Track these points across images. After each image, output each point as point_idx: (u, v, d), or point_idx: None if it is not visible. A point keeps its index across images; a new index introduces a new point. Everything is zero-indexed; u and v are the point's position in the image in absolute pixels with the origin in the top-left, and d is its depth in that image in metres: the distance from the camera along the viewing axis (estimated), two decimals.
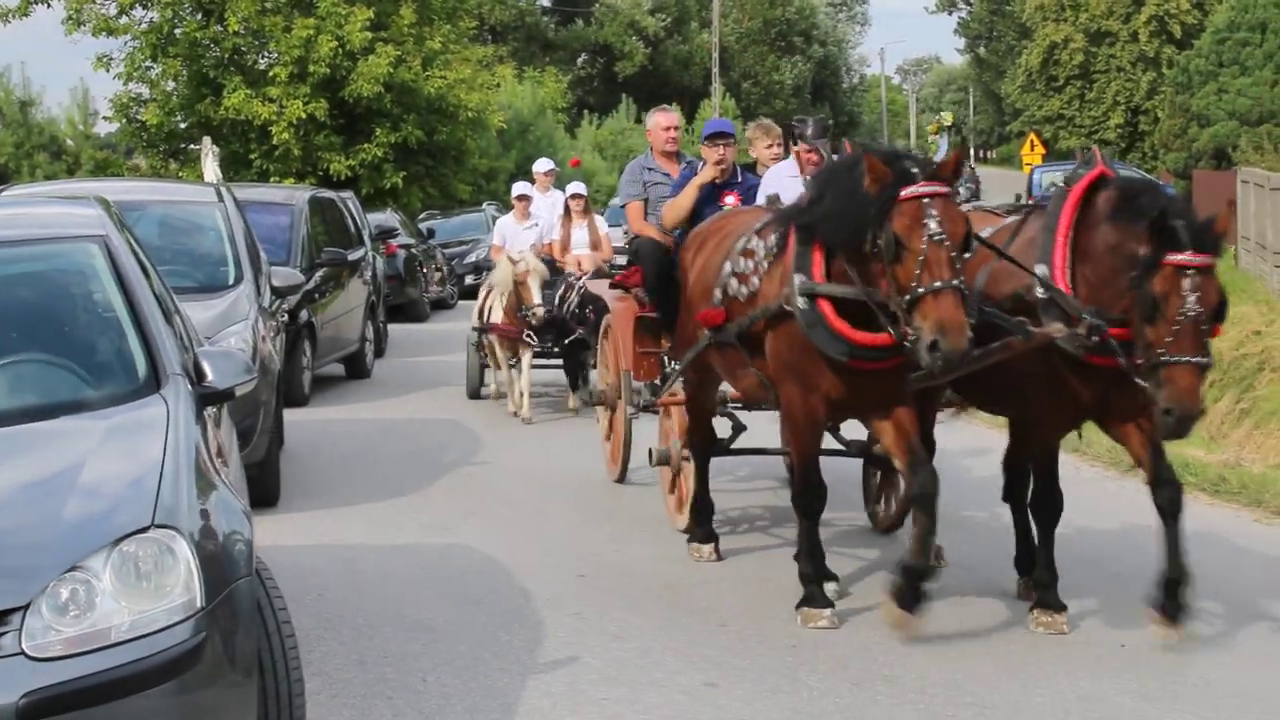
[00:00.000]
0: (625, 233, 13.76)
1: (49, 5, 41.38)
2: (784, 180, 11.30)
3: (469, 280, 34.04)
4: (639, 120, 71.61)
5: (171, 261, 13.28)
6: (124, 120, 41.89)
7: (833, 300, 8.72)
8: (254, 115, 38.95)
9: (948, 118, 29.64)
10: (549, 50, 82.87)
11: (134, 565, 5.67)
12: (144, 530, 5.73)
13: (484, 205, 40.03)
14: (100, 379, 6.89)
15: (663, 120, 12.89)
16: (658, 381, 12.21)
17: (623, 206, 12.91)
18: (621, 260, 15.40)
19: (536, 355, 17.67)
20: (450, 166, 43.55)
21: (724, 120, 13.40)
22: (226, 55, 40.33)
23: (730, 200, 11.62)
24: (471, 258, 34.12)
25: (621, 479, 13.55)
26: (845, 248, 8.61)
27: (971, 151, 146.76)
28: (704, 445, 11.19)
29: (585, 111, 72.13)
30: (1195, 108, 49.98)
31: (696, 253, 10.57)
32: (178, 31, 40.07)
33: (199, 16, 40.52)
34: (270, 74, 39.37)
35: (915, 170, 8.33)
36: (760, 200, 11.19)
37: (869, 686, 8.20)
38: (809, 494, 9.31)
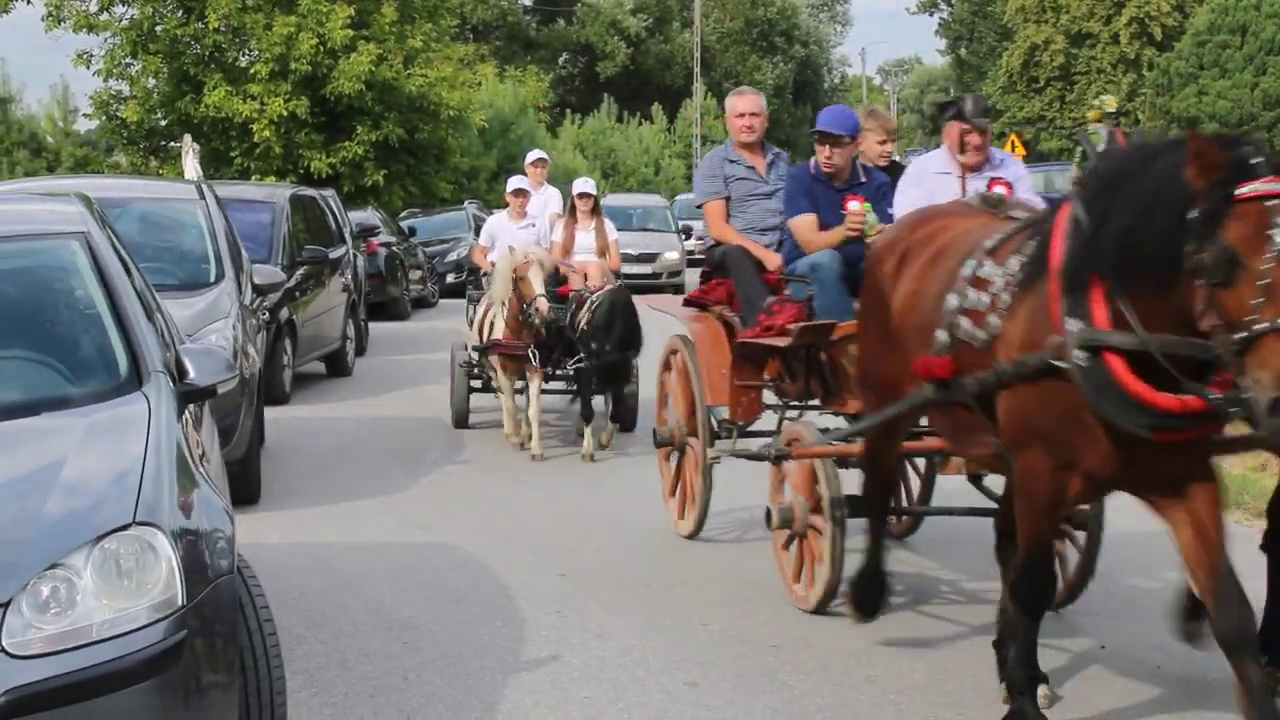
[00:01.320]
0: (700, 238, 13.13)
1: (29, 2, 41.33)
2: (932, 178, 9.71)
3: (450, 279, 33.95)
4: (620, 120, 71.61)
5: (153, 259, 13.23)
6: (104, 117, 41.83)
7: (1122, 353, 6.38)
8: (235, 113, 38.91)
9: (1111, 103, 26.82)
10: (530, 49, 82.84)
11: (115, 563, 5.64)
12: (125, 528, 5.71)
13: (465, 204, 39.98)
14: (82, 376, 6.87)
15: (739, 104, 11.21)
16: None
17: (699, 206, 11.22)
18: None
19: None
20: (431, 165, 43.54)
21: (840, 111, 10.68)
22: (207, 52, 40.30)
23: (854, 205, 9.96)
24: (453, 256, 34.04)
25: (695, 534, 11.37)
26: (1142, 273, 6.27)
27: None
28: (883, 505, 9.06)
29: (567, 111, 72.09)
30: (1175, 110, 50.06)
31: (899, 270, 8.03)
32: (158, 28, 40.05)
33: (179, 13, 40.48)
34: (251, 71, 39.34)
35: (1258, 161, 5.99)
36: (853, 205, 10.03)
37: (851, 687, 8.19)
38: (1037, 587, 7.16)
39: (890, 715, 7.78)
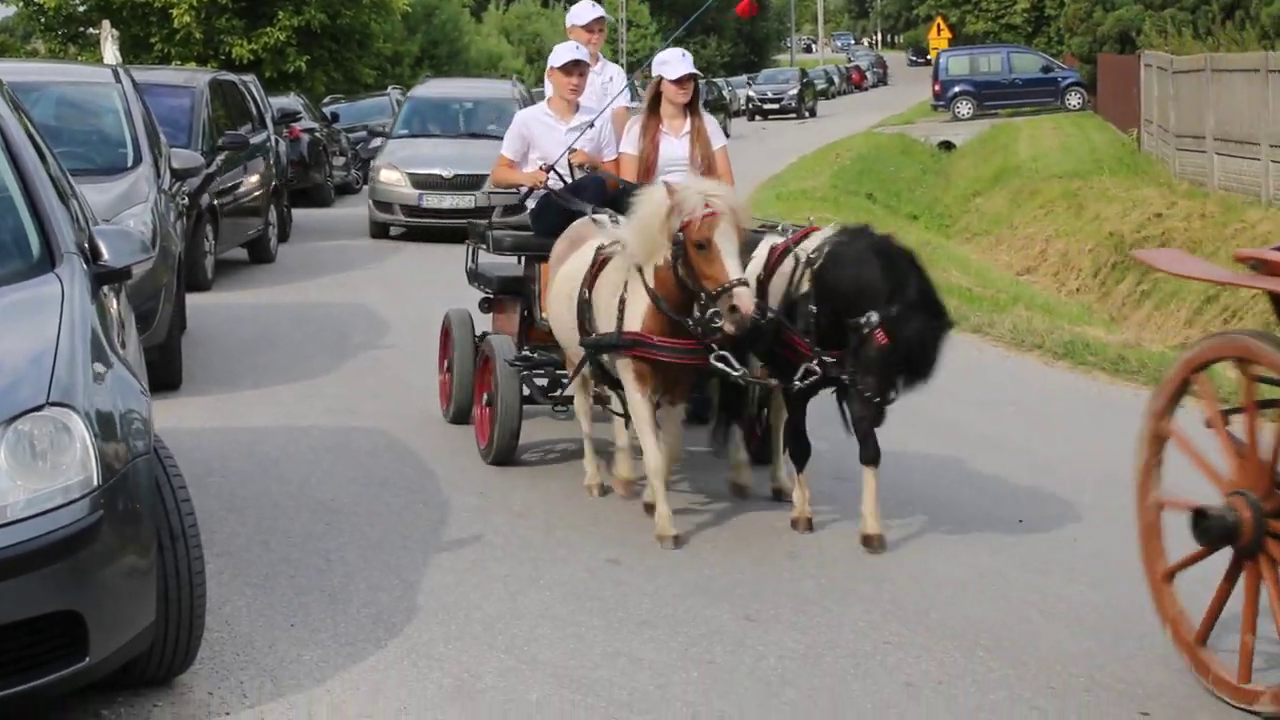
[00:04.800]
0: None
1: None
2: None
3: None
4: (545, 4, 71.02)
5: (69, 143, 13.09)
6: (21, 3, 41.19)
7: None
8: None
9: None
10: None
11: (29, 443, 5.64)
12: (39, 408, 5.70)
13: (388, 90, 39.65)
14: None
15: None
16: None
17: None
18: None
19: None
20: (354, 50, 43.11)
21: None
22: None
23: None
24: (376, 143, 33.77)
25: None
26: None
27: (878, 36, 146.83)
28: None
29: None
30: None
31: None
32: None
33: None
34: None
35: None
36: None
37: (772, 563, 8.27)
38: None
39: (810, 588, 7.86)
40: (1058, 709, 6.51)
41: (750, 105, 69.78)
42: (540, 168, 10.30)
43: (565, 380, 9.91)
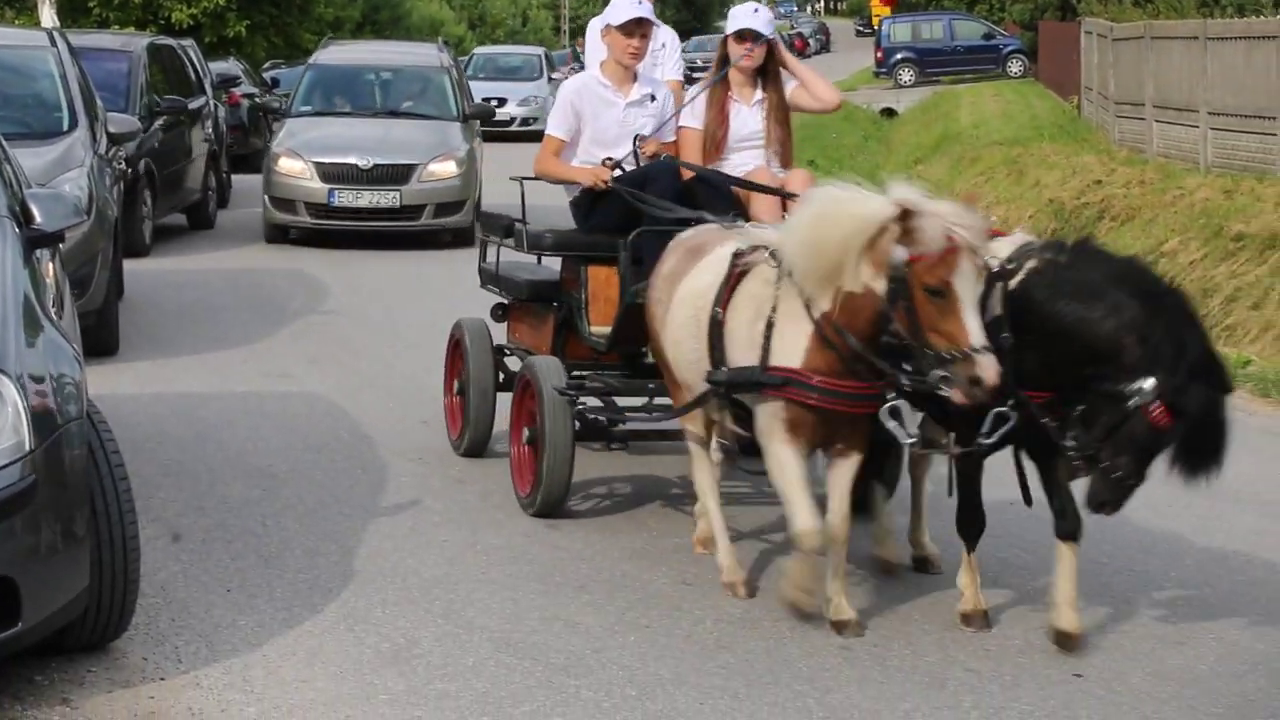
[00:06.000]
0: None
1: None
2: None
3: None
4: None
5: (3, 107, 13.03)
6: None
7: None
8: None
9: None
10: None
11: None
12: None
13: None
14: None
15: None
16: None
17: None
18: None
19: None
20: (294, 16, 42.80)
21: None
22: None
23: None
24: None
25: None
26: None
27: (821, 3, 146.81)
28: None
29: None
30: None
31: None
32: None
33: None
34: None
35: None
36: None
37: None
38: None
39: (747, 554, 7.88)
40: (992, 670, 6.55)
41: (682, 73, 69.16)
42: (604, 163, 8.59)
43: (641, 414, 8.71)
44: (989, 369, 6.17)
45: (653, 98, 8.82)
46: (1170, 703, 6.31)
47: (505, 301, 9.49)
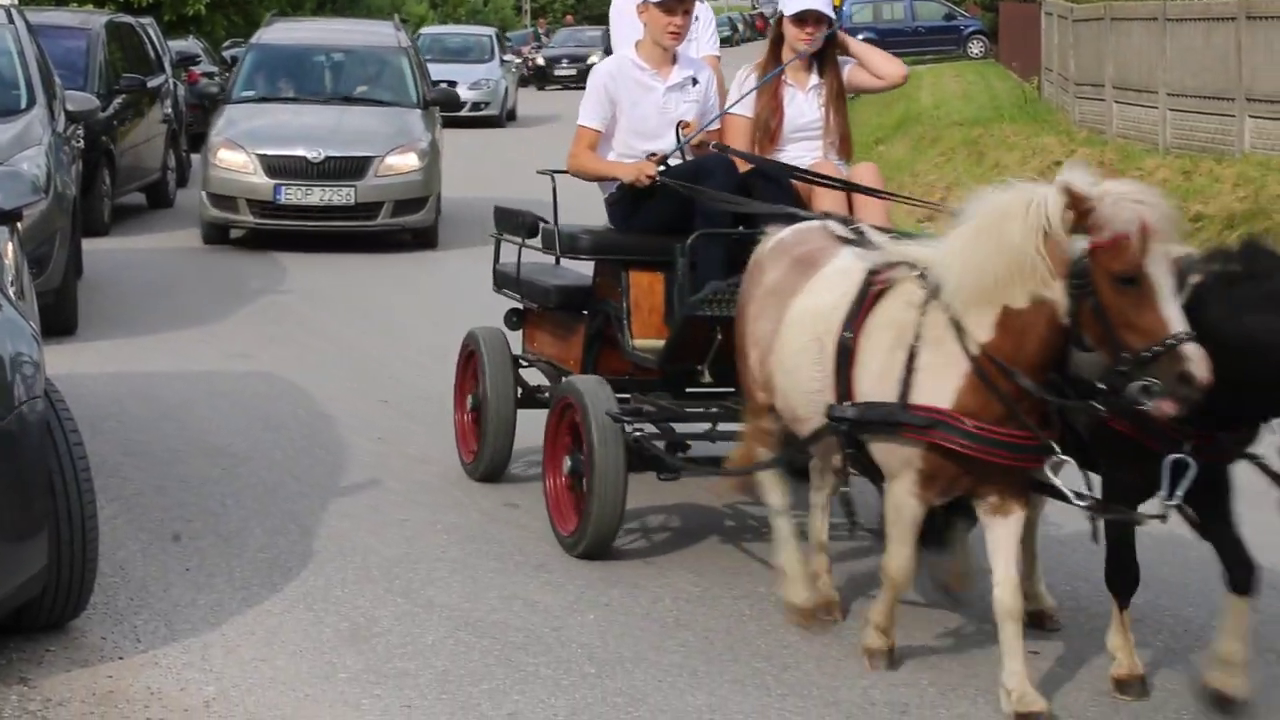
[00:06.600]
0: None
1: None
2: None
3: None
4: None
5: None
6: None
7: None
8: None
9: None
10: None
11: None
12: None
13: None
14: None
15: None
16: None
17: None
18: None
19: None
20: None
21: None
22: None
23: None
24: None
25: None
26: None
27: None
28: None
29: None
30: None
31: None
32: None
33: None
34: None
35: None
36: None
37: (668, 507, 8.30)
38: None
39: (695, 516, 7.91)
40: (950, 648, 6.59)
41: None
42: (649, 157, 7.74)
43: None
44: (1198, 360, 5.28)
45: (695, 81, 7.98)
46: None
47: (520, 307, 8.66)
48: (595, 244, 7.89)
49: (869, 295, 6.11)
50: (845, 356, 6.11)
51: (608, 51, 9.11)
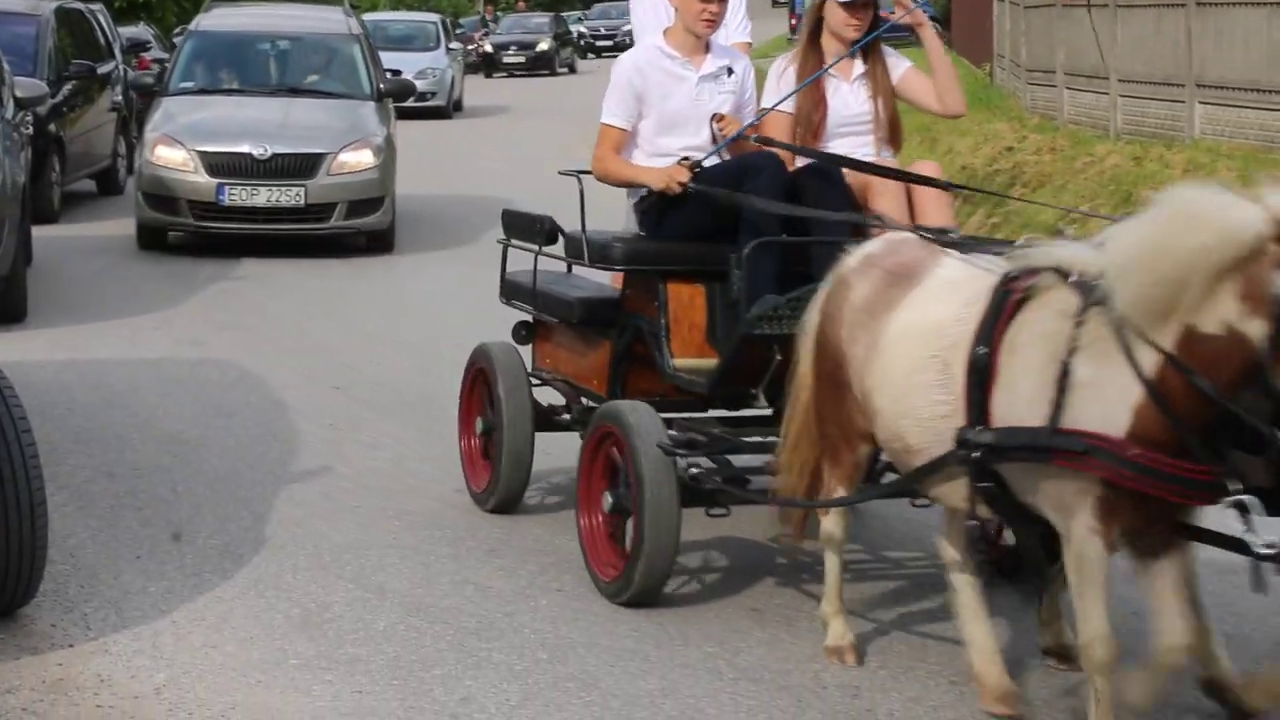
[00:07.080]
0: None
1: None
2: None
3: None
4: None
5: None
6: None
7: None
8: None
9: None
10: None
11: None
12: None
13: None
14: None
15: None
16: None
17: None
18: None
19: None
20: None
21: None
22: None
23: None
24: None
25: None
26: None
27: None
28: None
29: None
30: None
31: None
32: None
33: None
34: None
35: None
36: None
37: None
38: None
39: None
40: (900, 631, 6.61)
41: (583, 42, 64.05)
42: (681, 163, 7.04)
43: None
44: None
45: (730, 70, 7.32)
46: None
47: (529, 320, 7.99)
48: (630, 253, 7.17)
49: (1007, 305, 5.33)
50: (980, 375, 5.32)
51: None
